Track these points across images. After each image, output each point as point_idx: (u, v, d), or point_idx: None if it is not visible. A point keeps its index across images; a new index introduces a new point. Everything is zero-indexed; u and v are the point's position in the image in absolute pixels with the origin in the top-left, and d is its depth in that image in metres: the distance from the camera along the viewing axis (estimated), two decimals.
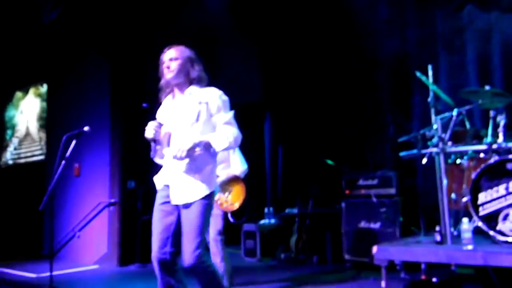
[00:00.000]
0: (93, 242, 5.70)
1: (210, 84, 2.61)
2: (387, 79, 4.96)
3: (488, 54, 4.43)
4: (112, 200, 5.53)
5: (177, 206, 2.47)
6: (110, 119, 5.75)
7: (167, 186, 2.50)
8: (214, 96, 2.54)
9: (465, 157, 3.79)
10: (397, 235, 4.37)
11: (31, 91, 8.14)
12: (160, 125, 2.47)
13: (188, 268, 2.37)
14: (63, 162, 3.37)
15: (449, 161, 4.00)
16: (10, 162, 8.36)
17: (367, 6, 4.91)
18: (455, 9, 4.62)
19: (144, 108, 4.67)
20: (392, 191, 4.56)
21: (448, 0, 4.63)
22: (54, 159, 6.70)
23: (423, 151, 3.67)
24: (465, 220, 3.11)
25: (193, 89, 2.55)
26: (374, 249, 3.29)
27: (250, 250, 5.52)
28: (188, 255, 2.36)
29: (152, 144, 2.47)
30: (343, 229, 4.77)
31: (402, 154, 3.71)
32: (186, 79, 2.55)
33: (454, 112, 3.52)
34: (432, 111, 4.11)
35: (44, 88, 7.82)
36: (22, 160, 8.11)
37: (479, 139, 3.61)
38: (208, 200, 2.47)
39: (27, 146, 8.12)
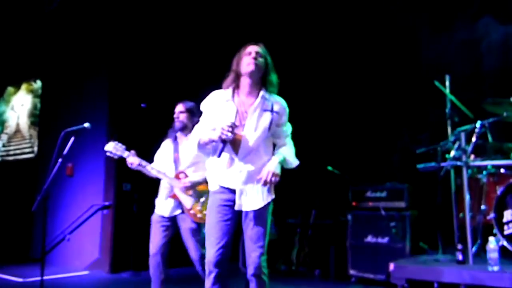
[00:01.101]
0: (84, 246, 5.43)
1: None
2: (400, 88, 4.79)
3: (507, 65, 4.29)
4: (106, 203, 5.27)
5: (238, 212, 2.41)
6: (107, 118, 5.51)
7: (229, 189, 2.43)
8: (284, 107, 2.52)
9: (484, 172, 3.63)
10: (407, 252, 4.18)
11: (24, 86, 7.88)
12: (234, 125, 2.35)
13: (254, 276, 2.35)
14: (60, 160, 3.11)
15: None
16: None
17: (382, 14, 4.75)
18: (472, 19, 4.49)
19: (143, 108, 4.48)
20: (402, 204, 4.38)
21: (465, 10, 4.49)
22: (46, 156, 6.54)
23: (442, 164, 3.49)
24: (491, 239, 2.92)
25: (265, 94, 2.47)
26: (391, 266, 3.09)
27: None
28: (256, 262, 2.34)
29: (221, 145, 2.34)
30: (349, 242, 4.56)
31: (420, 166, 3.52)
32: (260, 80, 2.47)
33: (477, 124, 3.36)
34: (449, 122, 3.97)
35: (37, 84, 7.57)
36: (11, 158, 7.81)
37: (501, 153, 3.45)
38: (271, 205, 2.47)
39: (16, 143, 7.84)
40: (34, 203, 3.06)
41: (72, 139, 3.20)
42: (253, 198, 2.39)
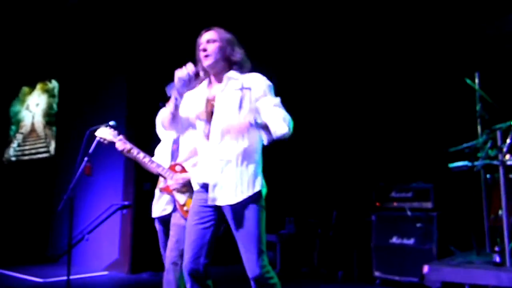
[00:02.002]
0: (103, 246, 5.38)
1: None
2: (427, 86, 4.69)
3: None
4: (126, 203, 5.22)
5: (216, 210, 2.16)
6: (125, 117, 5.45)
7: (205, 186, 2.18)
8: (259, 81, 2.21)
9: None
10: (434, 253, 4.08)
11: (39, 86, 7.88)
12: (195, 73, 2.17)
13: (254, 281, 2.11)
14: (86, 158, 3.04)
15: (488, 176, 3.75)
16: (13, 158, 8.06)
17: (407, 10, 4.65)
18: (503, 13, 4.37)
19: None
20: (429, 205, 4.27)
21: (495, 4, 4.37)
22: (64, 156, 6.52)
23: (476, 163, 3.39)
24: None
25: (233, 73, 2.22)
26: (425, 268, 3.00)
27: (270, 262, 5.18)
28: (251, 269, 2.08)
29: (175, 92, 2.15)
30: (373, 243, 4.47)
31: (452, 165, 3.41)
32: (225, 64, 2.23)
33: None
34: (479, 121, 3.87)
35: (52, 84, 7.56)
36: (26, 157, 7.81)
37: None
38: (260, 196, 2.15)
39: (31, 143, 7.83)
40: (60, 203, 2.99)
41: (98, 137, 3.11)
42: (229, 191, 2.11)
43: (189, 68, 2.15)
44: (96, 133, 3.04)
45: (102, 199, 5.50)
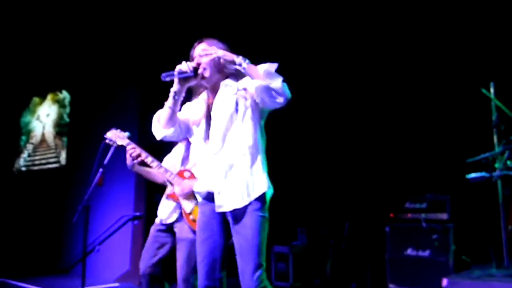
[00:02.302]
0: (114, 257, 5.35)
1: None
2: (441, 96, 4.65)
3: None
4: (137, 213, 5.20)
5: (223, 219, 2.11)
6: (138, 128, 5.46)
7: (211, 195, 2.12)
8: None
9: None
10: (450, 265, 4.02)
11: (49, 97, 7.93)
12: (196, 68, 2.17)
13: None
14: (101, 169, 3.04)
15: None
16: (23, 169, 8.09)
17: (422, 20, 4.63)
18: None
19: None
20: (444, 216, 4.22)
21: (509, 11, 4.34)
22: (75, 166, 6.53)
23: (494, 174, 3.35)
24: None
25: (229, 81, 2.21)
26: (444, 282, 2.95)
27: (282, 274, 5.14)
28: (247, 285, 1.98)
29: (176, 79, 2.14)
30: (388, 255, 4.41)
31: (470, 176, 3.37)
32: (221, 76, 2.22)
33: None
34: (495, 131, 3.84)
35: (62, 95, 7.60)
36: (36, 167, 7.83)
37: None
38: (264, 203, 2.07)
39: (42, 153, 7.86)
40: (75, 214, 2.97)
41: (113, 148, 3.11)
42: (234, 195, 2.05)
43: (189, 63, 2.18)
44: (107, 134, 3.03)
45: (113, 210, 5.49)
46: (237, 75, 2.21)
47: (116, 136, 3.02)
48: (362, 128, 5.18)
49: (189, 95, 2.33)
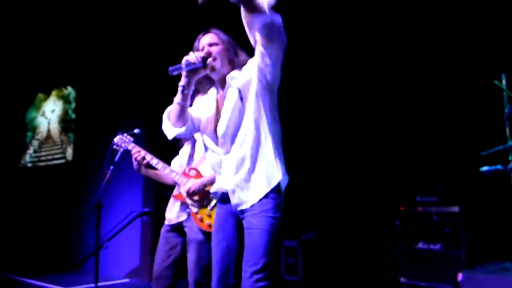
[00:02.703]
0: (123, 253, 5.35)
1: None
2: (453, 88, 4.59)
3: None
4: (146, 209, 5.19)
5: (237, 221, 2.01)
6: (144, 123, 5.43)
7: (223, 197, 2.04)
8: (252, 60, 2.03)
9: None
10: (462, 259, 4.00)
11: (54, 93, 7.91)
12: (203, 60, 2.01)
13: None
14: (112, 167, 3.01)
15: None
16: (29, 165, 8.09)
17: (434, 12, 4.56)
18: None
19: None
20: (456, 209, 4.18)
21: None
22: (82, 162, 6.52)
23: (509, 167, 3.31)
24: None
25: (235, 73, 2.06)
26: (459, 276, 2.92)
27: (291, 268, 5.13)
28: (246, 277, 1.87)
29: (184, 71, 1.99)
30: (399, 249, 4.39)
31: (484, 169, 3.32)
32: (230, 68, 2.08)
33: None
34: (507, 123, 3.79)
35: (67, 91, 7.58)
36: (42, 163, 7.83)
37: None
38: (279, 195, 1.95)
39: (47, 149, 7.86)
40: (87, 213, 2.95)
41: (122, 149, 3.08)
42: (247, 190, 1.94)
43: (198, 53, 2.03)
44: (114, 140, 3.02)
45: (122, 206, 5.48)
46: (239, 66, 2.08)
47: (122, 141, 3.01)
48: (372, 121, 5.12)
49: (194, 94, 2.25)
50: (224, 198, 2.06)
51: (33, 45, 7.40)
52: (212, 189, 2.15)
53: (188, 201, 2.72)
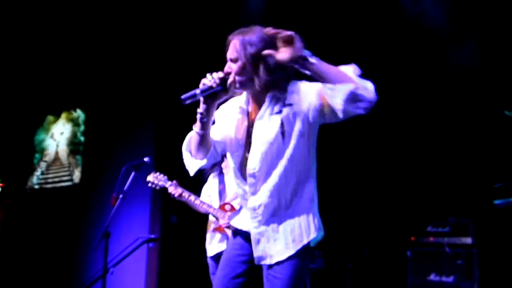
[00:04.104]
0: (128, 280, 5.27)
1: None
2: (465, 118, 4.56)
3: None
4: (152, 236, 5.15)
5: (254, 267, 1.80)
6: (153, 149, 5.43)
7: (243, 233, 1.83)
8: (297, 87, 1.72)
9: None
10: None
11: (63, 115, 7.96)
12: (226, 75, 1.72)
13: None
14: (121, 196, 3.00)
15: None
16: (36, 186, 8.09)
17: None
18: None
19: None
20: (468, 240, 4.11)
21: None
22: (89, 185, 6.50)
23: None
24: None
25: (273, 96, 1.74)
26: None
27: None
28: None
29: (201, 96, 1.72)
30: (410, 281, 4.30)
31: (497, 202, 3.28)
32: (256, 86, 1.72)
33: None
34: None
35: (76, 113, 7.63)
36: (49, 185, 7.83)
37: None
38: (305, 256, 1.72)
39: (55, 171, 7.87)
40: (95, 239, 2.93)
41: (133, 174, 3.08)
42: (279, 244, 1.71)
43: (215, 75, 1.74)
44: (148, 179, 3.24)
45: (128, 232, 5.43)
46: (274, 85, 1.72)
47: (158, 180, 3.24)
48: (384, 149, 5.09)
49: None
50: (240, 233, 1.87)
51: (43, 67, 7.48)
52: (235, 223, 1.91)
53: (228, 231, 2.98)
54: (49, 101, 7.83)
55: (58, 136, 8.03)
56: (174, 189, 3.13)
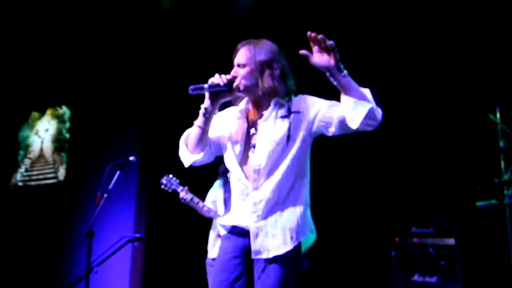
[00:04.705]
0: (112, 280, 5.23)
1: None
2: (449, 121, 4.61)
3: None
4: (137, 235, 5.11)
5: (247, 258, 1.86)
6: (139, 148, 5.39)
7: (241, 230, 1.88)
8: (305, 100, 1.92)
9: None
10: None
11: (48, 112, 7.86)
12: (229, 84, 1.87)
13: None
14: (105, 195, 2.97)
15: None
16: (20, 183, 7.98)
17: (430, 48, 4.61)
18: None
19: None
20: (452, 241, 4.16)
21: None
22: (74, 182, 6.44)
23: (504, 202, 3.31)
24: None
25: (279, 100, 1.91)
26: None
27: None
28: None
29: (206, 92, 1.86)
30: (394, 281, 4.34)
31: (480, 204, 3.32)
32: (259, 91, 1.89)
33: None
34: (502, 156, 3.80)
35: (62, 110, 7.55)
36: (33, 183, 7.73)
37: None
38: (299, 253, 1.84)
39: (39, 168, 7.77)
40: (79, 238, 2.91)
41: (118, 173, 3.06)
42: (273, 239, 1.81)
43: (224, 76, 1.90)
44: (162, 181, 3.37)
45: (113, 230, 5.38)
46: (276, 92, 1.89)
47: (170, 183, 3.39)
48: (368, 150, 5.12)
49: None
50: (235, 231, 1.93)
51: (29, 63, 7.39)
52: (222, 221, 1.99)
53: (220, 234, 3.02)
54: (34, 97, 7.73)
55: (43, 132, 7.93)
56: (185, 195, 3.24)
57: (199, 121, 1.91)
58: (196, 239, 5.01)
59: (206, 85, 1.87)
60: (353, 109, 1.75)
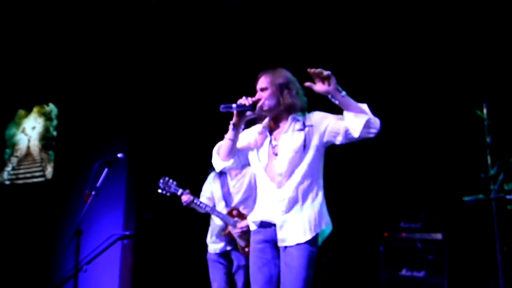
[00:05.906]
0: (102, 278, 5.20)
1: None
2: (436, 116, 4.65)
3: None
4: (127, 233, 5.09)
5: (275, 247, 2.25)
6: (127, 145, 5.36)
7: (269, 225, 2.27)
8: (315, 114, 2.36)
9: None
10: (445, 287, 4.01)
11: (35, 109, 7.78)
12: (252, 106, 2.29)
13: None
14: (94, 192, 2.95)
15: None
16: (7, 182, 7.89)
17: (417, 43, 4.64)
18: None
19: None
20: (439, 236, 4.22)
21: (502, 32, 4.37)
22: (61, 180, 6.39)
23: (490, 197, 3.35)
24: None
25: (294, 117, 2.35)
26: None
27: None
28: None
29: (235, 110, 2.27)
30: (382, 276, 4.38)
31: (467, 198, 3.36)
32: (280, 109, 2.35)
33: None
34: (488, 152, 3.85)
35: (49, 107, 7.47)
36: (20, 181, 7.65)
37: None
38: (316, 243, 2.23)
39: (26, 167, 7.69)
40: (67, 237, 2.89)
41: (106, 170, 3.04)
42: (296, 230, 2.19)
43: (250, 98, 2.30)
44: (159, 184, 3.35)
45: (102, 228, 5.36)
46: (295, 107, 2.32)
47: (168, 186, 3.39)
48: (356, 146, 5.14)
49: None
50: (264, 224, 2.29)
51: (15, 60, 7.30)
52: (253, 218, 2.35)
53: (237, 238, 3.20)
54: (20, 95, 7.64)
55: (29, 130, 7.84)
56: (187, 198, 3.27)
57: (229, 135, 2.31)
58: (186, 236, 5.02)
59: (234, 105, 2.26)
60: (354, 122, 2.19)
